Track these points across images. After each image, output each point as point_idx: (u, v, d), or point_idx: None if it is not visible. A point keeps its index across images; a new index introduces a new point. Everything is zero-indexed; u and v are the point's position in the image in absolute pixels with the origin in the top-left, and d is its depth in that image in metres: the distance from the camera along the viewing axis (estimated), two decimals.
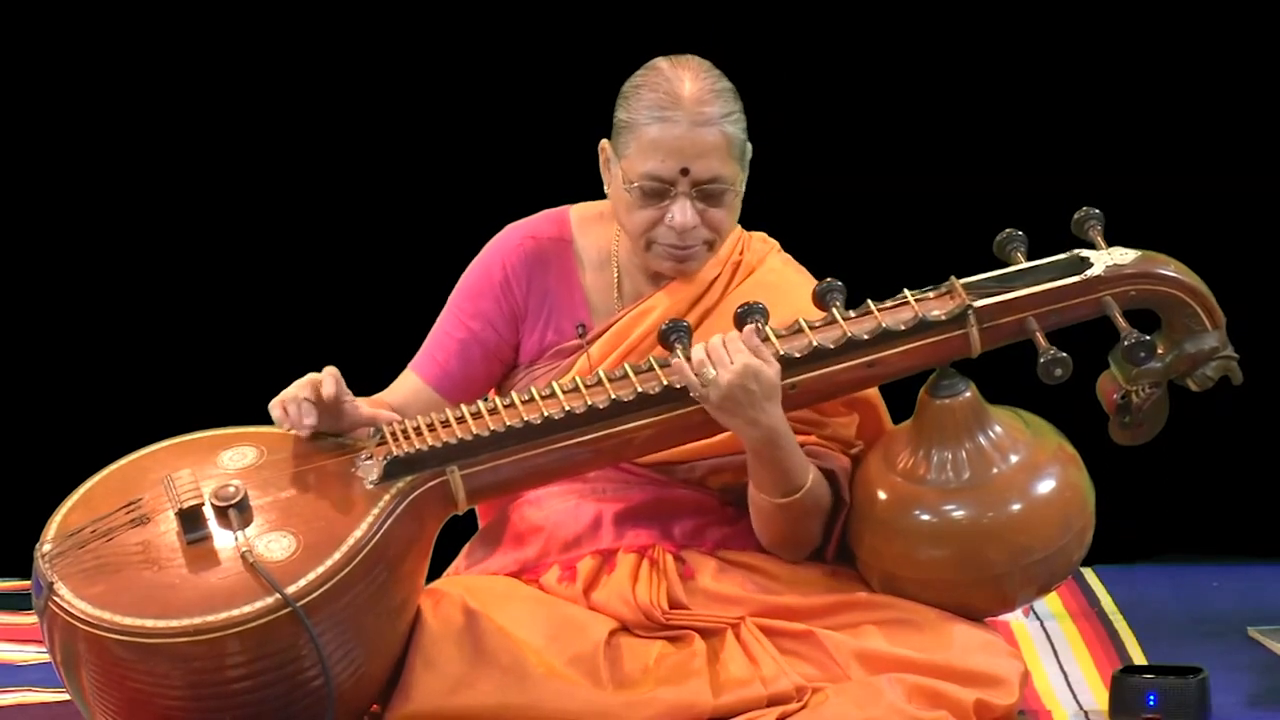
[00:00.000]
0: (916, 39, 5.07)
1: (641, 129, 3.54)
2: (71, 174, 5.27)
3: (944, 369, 3.49)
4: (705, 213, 3.56)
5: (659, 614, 3.49)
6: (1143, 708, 3.55)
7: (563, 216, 3.72)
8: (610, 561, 3.57)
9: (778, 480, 3.47)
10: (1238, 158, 5.04)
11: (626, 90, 3.59)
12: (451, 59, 5.16)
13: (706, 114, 3.53)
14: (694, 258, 3.59)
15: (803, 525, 3.52)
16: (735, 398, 3.38)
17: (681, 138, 3.52)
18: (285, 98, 5.20)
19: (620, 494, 3.60)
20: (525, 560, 3.60)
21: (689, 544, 3.59)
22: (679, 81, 3.55)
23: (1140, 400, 3.50)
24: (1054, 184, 4.89)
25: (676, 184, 3.54)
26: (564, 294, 3.66)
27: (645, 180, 3.54)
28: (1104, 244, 3.50)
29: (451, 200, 5.14)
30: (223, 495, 3.31)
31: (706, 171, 3.54)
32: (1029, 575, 3.47)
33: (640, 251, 3.61)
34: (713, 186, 3.54)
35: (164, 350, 5.25)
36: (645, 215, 3.56)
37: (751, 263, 3.67)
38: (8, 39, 5.22)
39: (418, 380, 3.67)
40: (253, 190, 5.24)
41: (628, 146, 3.55)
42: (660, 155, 3.53)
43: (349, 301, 5.20)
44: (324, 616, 3.22)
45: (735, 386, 3.37)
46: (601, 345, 3.61)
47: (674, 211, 3.55)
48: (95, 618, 3.19)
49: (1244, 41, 5.03)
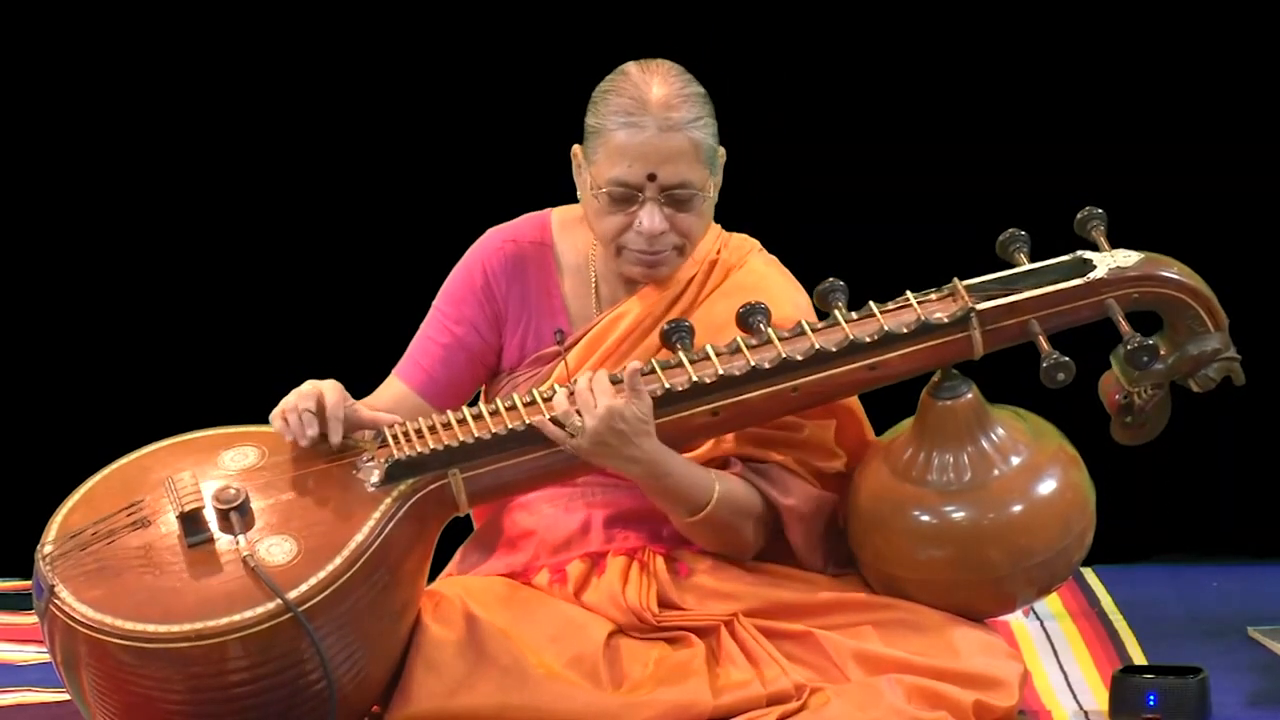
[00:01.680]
0: (916, 37, 5.06)
1: (609, 134, 3.51)
2: (72, 175, 5.26)
3: (946, 370, 3.49)
4: (674, 218, 3.53)
5: (649, 615, 3.49)
6: (1143, 708, 3.55)
7: (544, 220, 3.70)
8: (600, 564, 3.56)
9: (678, 503, 3.47)
10: (1238, 158, 5.03)
11: (595, 96, 3.57)
12: (437, 64, 5.15)
13: (674, 119, 3.50)
14: (664, 263, 3.57)
15: (730, 534, 3.51)
16: (605, 442, 3.37)
17: (647, 143, 3.50)
18: (280, 103, 5.20)
19: (609, 497, 3.59)
20: (515, 564, 3.59)
21: (679, 545, 3.58)
22: (646, 87, 3.52)
23: (1143, 401, 3.50)
24: (1057, 183, 4.88)
25: (644, 189, 3.52)
26: (543, 299, 3.65)
27: (613, 186, 3.51)
28: (1107, 245, 3.50)
29: (443, 202, 5.13)
30: (224, 498, 3.30)
31: (674, 177, 3.51)
32: (1030, 576, 3.47)
33: (611, 257, 3.59)
34: (681, 192, 3.52)
35: (164, 350, 5.24)
36: (614, 221, 3.54)
37: (730, 262, 3.63)
38: (8, 39, 5.20)
39: (402, 386, 3.64)
40: (251, 192, 5.24)
41: (596, 152, 3.53)
42: (627, 161, 3.50)
43: (347, 302, 5.19)
44: (326, 621, 3.22)
45: (602, 431, 3.36)
46: (579, 351, 3.59)
47: (642, 217, 3.52)
48: (96, 621, 3.19)
49: (1245, 41, 5.02)
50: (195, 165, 5.23)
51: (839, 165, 4.98)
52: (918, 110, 5.06)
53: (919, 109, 5.06)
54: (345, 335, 5.06)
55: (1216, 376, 3.49)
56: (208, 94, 5.20)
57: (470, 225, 3.75)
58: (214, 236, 5.25)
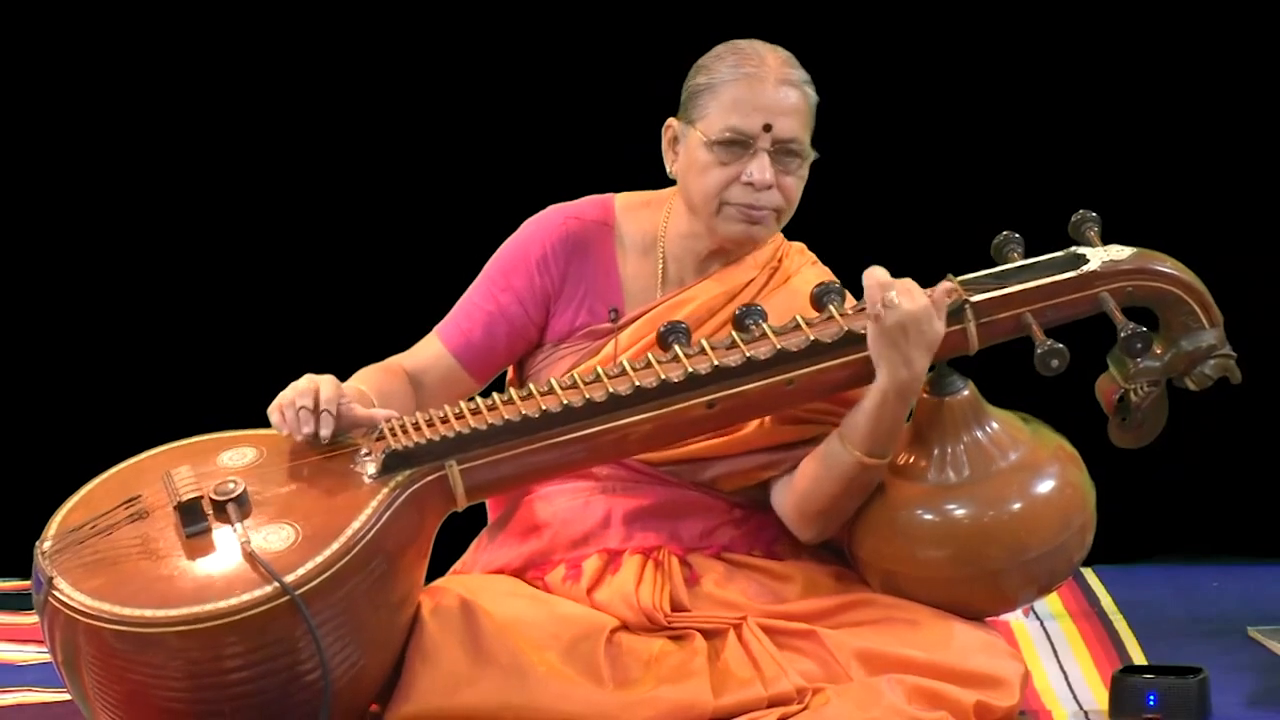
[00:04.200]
0: (916, 38, 5.09)
1: (726, 86, 3.56)
2: (72, 177, 5.28)
3: (943, 367, 3.50)
4: (779, 177, 3.57)
5: (661, 617, 3.49)
6: (1143, 708, 3.54)
7: (608, 202, 3.72)
8: (615, 561, 3.57)
9: (879, 437, 3.45)
10: (1238, 157, 5.05)
11: (703, 62, 3.62)
12: (436, 65, 5.18)
13: (791, 76, 3.58)
14: (763, 222, 3.59)
15: (855, 499, 3.51)
16: (906, 330, 3.38)
17: (767, 94, 3.55)
18: (282, 101, 5.22)
19: (630, 492, 3.60)
20: (532, 555, 3.60)
21: (696, 546, 3.59)
22: (761, 49, 3.60)
23: (1139, 399, 3.50)
24: (1051, 185, 4.90)
25: (758, 139, 3.55)
26: (600, 278, 3.66)
27: (728, 133, 3.54)
28: (1100, 245, 3.51)
29: (444, 205, 5.15)
30: (222, 490, 3.32)
31: (788, 130, 3.56)
32: (1029, 573, 3.47)
33: (709, 216, 3.59)
34: (793, 146, 3.57)
35: (165, 353, 5.26)
36: (720, 174, 3.56)
37: (789, 270, 3.67)
38: (8, 39, 5.23)
39: (440, 346, 3.66)
40: (250, 193, 5.26)
41: (706, 107, 3.56)
42: (745, 110, 3.55)
43: (347, 305, 5.21)
44: (322, 607, 3.22)
45: (912, 319, 3.38)
46: (634, 331, 3.61)
47: (752, 168, 3.55)
48: (94, 609, 3.19)
49: (1241, 41, 5.04)
50: (199, 169, 5.25)
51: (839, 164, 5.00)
52: (916, 109, 5.08)
53: (918, 108, 5.08)
54: (345, 336, 5.05)
55: (1213, 374, 3.50)
56: (212, 93, 5.23)
57: (471, 224, 3.77)
58: (214, 237, 5.27)
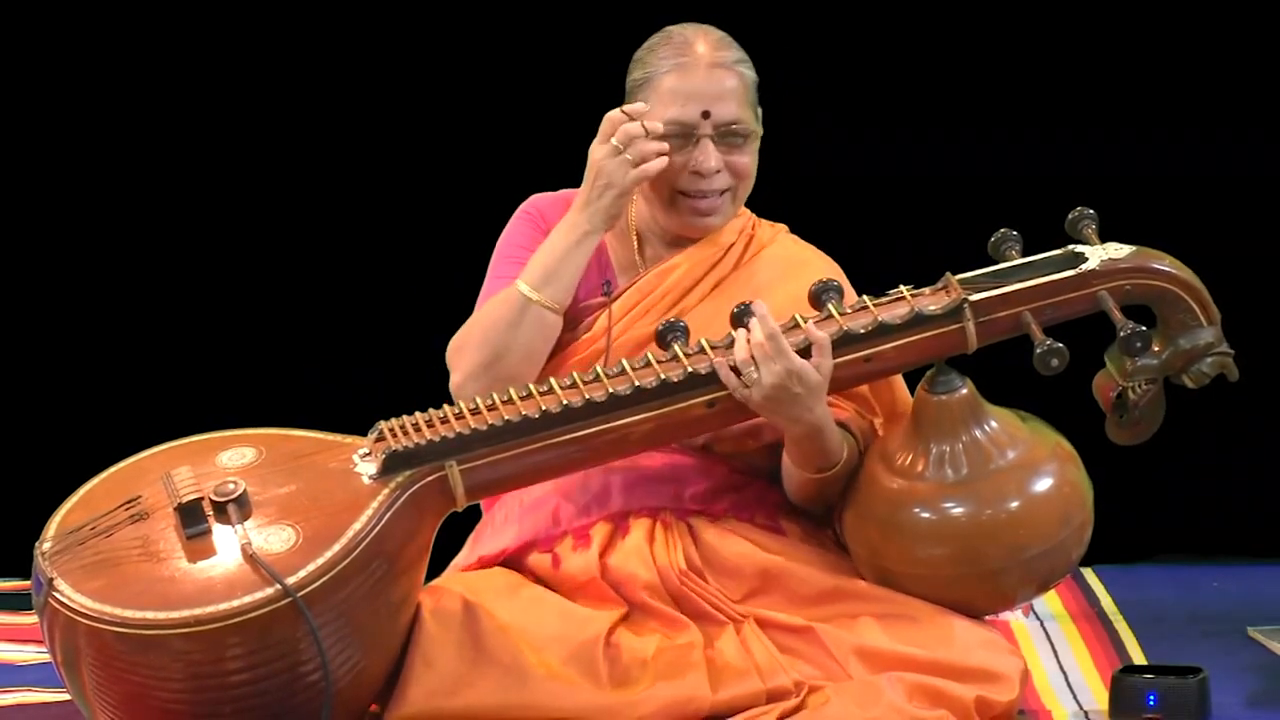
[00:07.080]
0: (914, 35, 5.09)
1: (659, 79, 3.59)
2: (72, 177, 5.28)
3: (941, 365, 3.50)
4: (727, 158, 3.60)
5: (675, 575, 3.50)
6: (1143, 708, 3.54)
7: None
8: (624, 525, 3.58)
9: (814, 459, 3.50)
10: (1236, 156, 5.05)
11: (638, 56, 3.65)
12: (435, 65, 5.18)
13: (722, 58, 3.60)
14: (717, 211, 3.63)
15: (833, 489, 3.55)
16: (778, 399, 3.40)
17: (701, 81, 3.58)
18: (282, 101, 5.22)
19: (627, 460, 3.58)
20: (536, 530, 3.60)
21: (700, 508, 3.60)
22: (692, 34, 3.62)
23: (1137, 397, 3.50)
24: (1048, 182, 4.90)
25: (699, 127, 3.58)
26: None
27: (669, 126, 3.57)
28: (1098, 242, 3.51)
29: (444, 205, 5.15)
30: (222, 491, 3.32)
31: (728, 114, 3.59)
32: (1028, 571, 3.47)
33: (664, 211, 3.64)
34: (735, 128, 3.59)
35: (164, 353, 5.26)
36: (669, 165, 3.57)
37: (764, 239, 3.70)
38: (8, 39, 5.23)
39: None
40: (250, 193, 5.26)
41: (646, 101, 3.59)
42: (681, 100, 3.58)
43: (347, 305, 5.20)
44: (323, 609, 3.22)
45: (778, 388, 3.39)
46: (624, 302, 3.63)
47: (697, 155, 3.58)
48: (95, 611, 3.19)
49: (1239, 38, 5.04)
50: (199, 170, 5.25)
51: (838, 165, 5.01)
52: (916, 110, 5.08)
53: (918, 109, 5.08)
54: (345, 336, 5.07)
55: (1211, 372, 3.50)
56: (207, 94, 5.22)
57: (471, 224, 3.77)
58: (213, 237, 5.27)
